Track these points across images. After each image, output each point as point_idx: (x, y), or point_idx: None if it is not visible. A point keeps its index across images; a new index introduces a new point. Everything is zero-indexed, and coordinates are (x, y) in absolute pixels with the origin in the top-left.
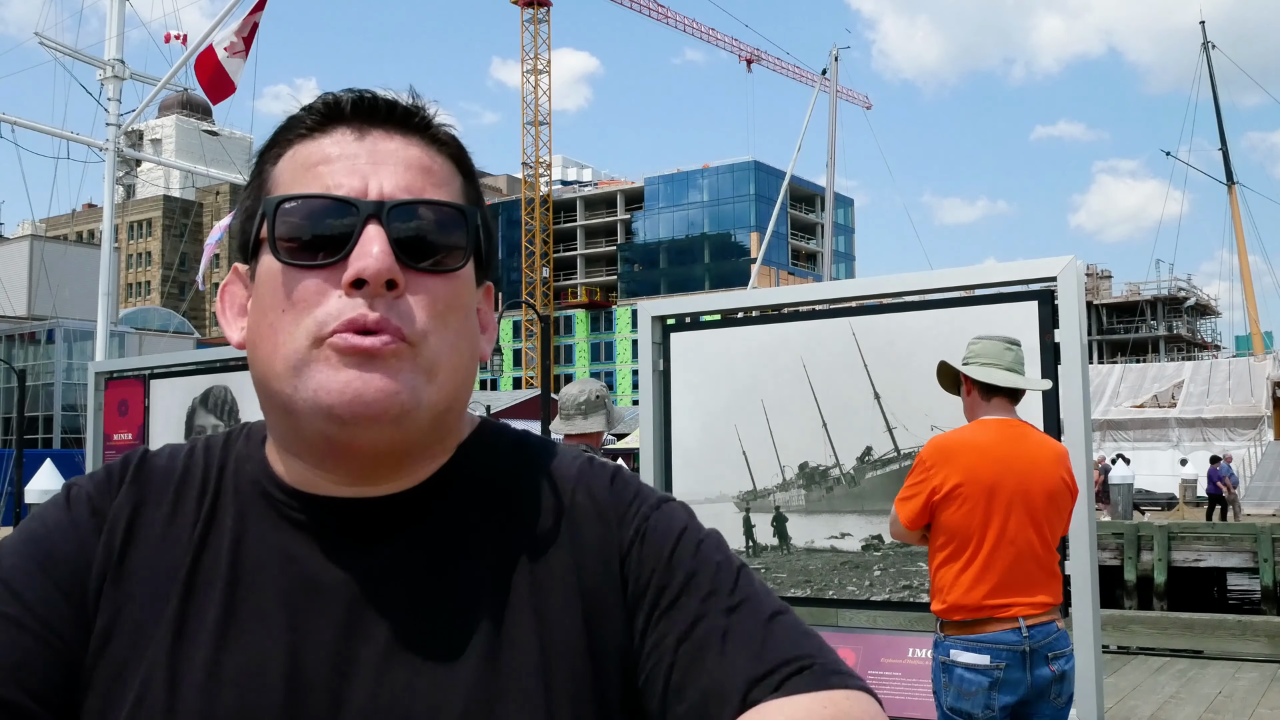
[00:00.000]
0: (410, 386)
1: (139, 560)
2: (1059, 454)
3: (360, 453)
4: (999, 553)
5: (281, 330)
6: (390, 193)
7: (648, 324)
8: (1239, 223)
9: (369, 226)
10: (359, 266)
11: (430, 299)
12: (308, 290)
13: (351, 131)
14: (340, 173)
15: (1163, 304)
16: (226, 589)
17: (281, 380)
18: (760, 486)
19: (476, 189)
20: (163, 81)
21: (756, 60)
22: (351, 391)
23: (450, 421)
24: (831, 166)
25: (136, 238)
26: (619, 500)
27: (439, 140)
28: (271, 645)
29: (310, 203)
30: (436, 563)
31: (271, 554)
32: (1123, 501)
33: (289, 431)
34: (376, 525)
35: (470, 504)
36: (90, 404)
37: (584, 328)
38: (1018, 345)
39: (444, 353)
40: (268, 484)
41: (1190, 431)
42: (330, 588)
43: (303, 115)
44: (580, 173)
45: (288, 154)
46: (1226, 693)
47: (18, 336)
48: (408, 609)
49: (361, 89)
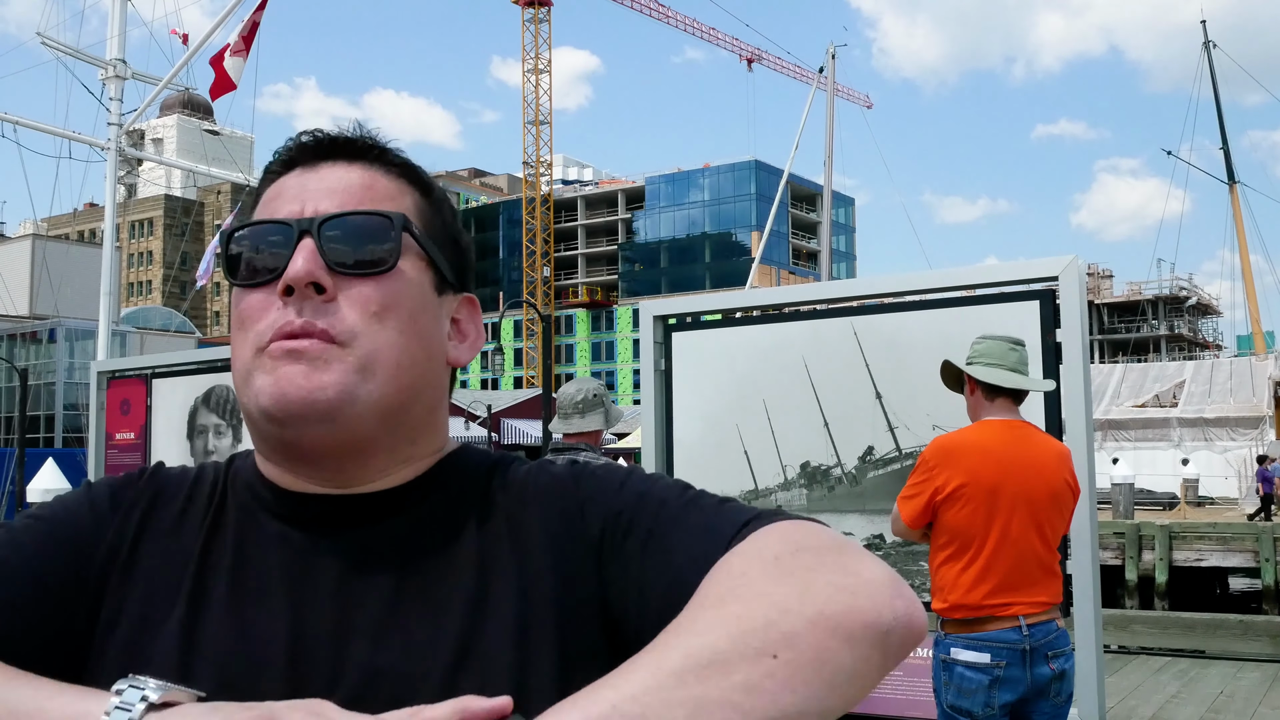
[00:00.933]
0: (338, 383)
1: (151, 549)
2: (1062, 455)
3: (308, 452)
4: (1001, 553)
5: (237, 345)
6: (324, 210)
7: (649, 323)
8: (1240, 222)
9: (302, 241)
10: (286, 275)
11: (361, 301)
12: (253, 307)
13: (306, 169)
14: (286, 201)
15: (1164, 303)
16: (232, 571)
17: (240, 392)
18: (762, 486)
19: (437, 205)
20: (164, 81)
21: (757, 60)
22: (278, 390)
23: (412, 421)
24: (829, 165)
25: (138, 237)
26: (576, 471)
27: (388, 163)
28: (272, 617)
29: (254, 228)
30: (419, 540)
31: (270, 541)
32: (1124, 501)
33: (257, 438)
34: (359, 514)
35: (449, 497)
36: (93, 403)
37: (585, 327)
38: (1022, 345)
39: (382, 350)
40: (260, 487)
41: (1192, 431)
42: (321, 565)
43: (272, 161)
44: (581, 172)
45: (261, 196)
46: (1228, 693)
47: (19, 335)
48: (394, 581)
49: (315, 130)
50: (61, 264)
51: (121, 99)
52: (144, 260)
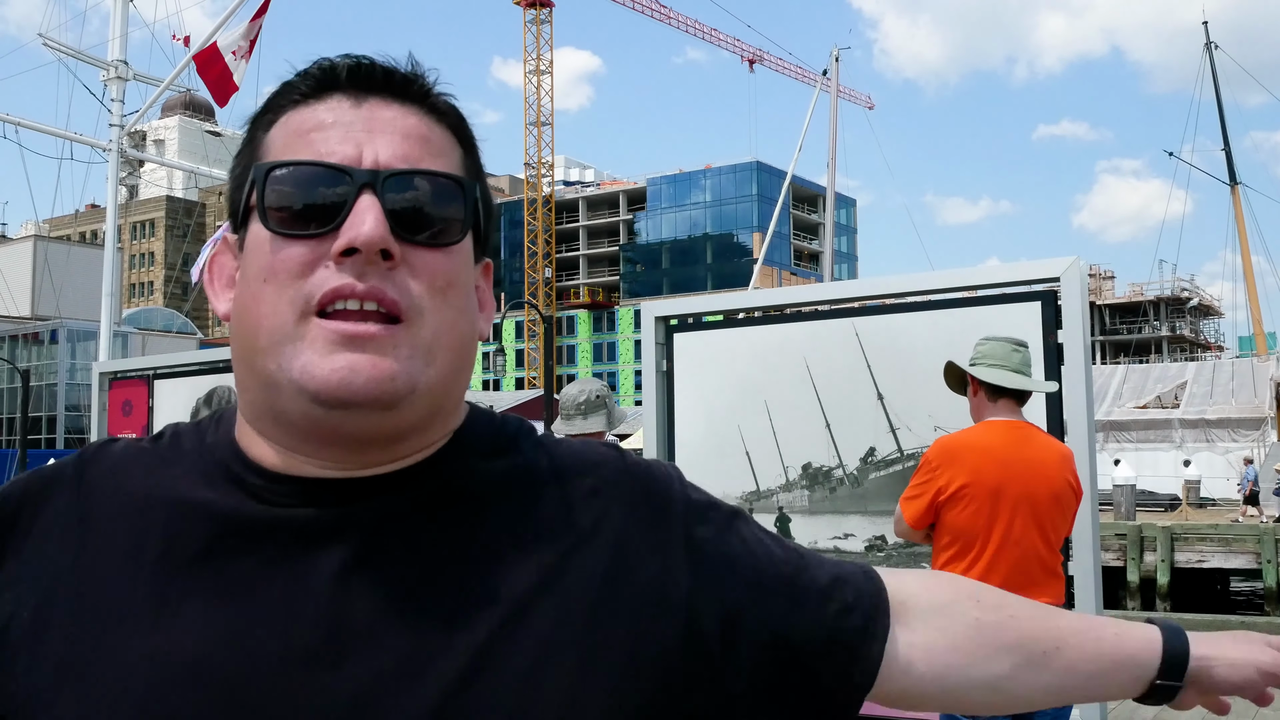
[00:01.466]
0: (407, 371)
1: (41, 550)
2: (1064, 456)
3: (347, 438)
4: (1003, 554)
5: (265, 301)
6: (386, 161)
7: (651, 324)
8: (1242, 223)
9: (363, 196)
10: (351, 235)
11: (428, 274)
12: (295, 260)
13: (347, 99)
14: (334, 140)
15: (1166, 304)
16: (200, 567)
17: (264, 355)
18: (763, 487)
19: (477, 161)
20: (166, 82)
21: (759, 61)
22: (338, 379)
23: (449, 405)
24: (832, 167)
25: (140, 238)
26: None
27: (438, 110)
28: (265, 617)
29: (302, 170)
30: (433, 528)
31: (256, 532)
32: (1125, 503)
33: (267, 411)
34: (362, 498)
35: (471, 478)
36: (94, 404)
37: (586, 328)
38: (1025, 346)
39: (443, 332)
40: (238, 467)
41: (1193, 432)
42: (320, 560)
43: (297, 81)
44: (583, 173)
45: (281, 120)
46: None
47: (21, 337)
48: (407, 576)
49: (359, 55)
50: (63, 265)
51: (123, 100)
52: (146, 261)
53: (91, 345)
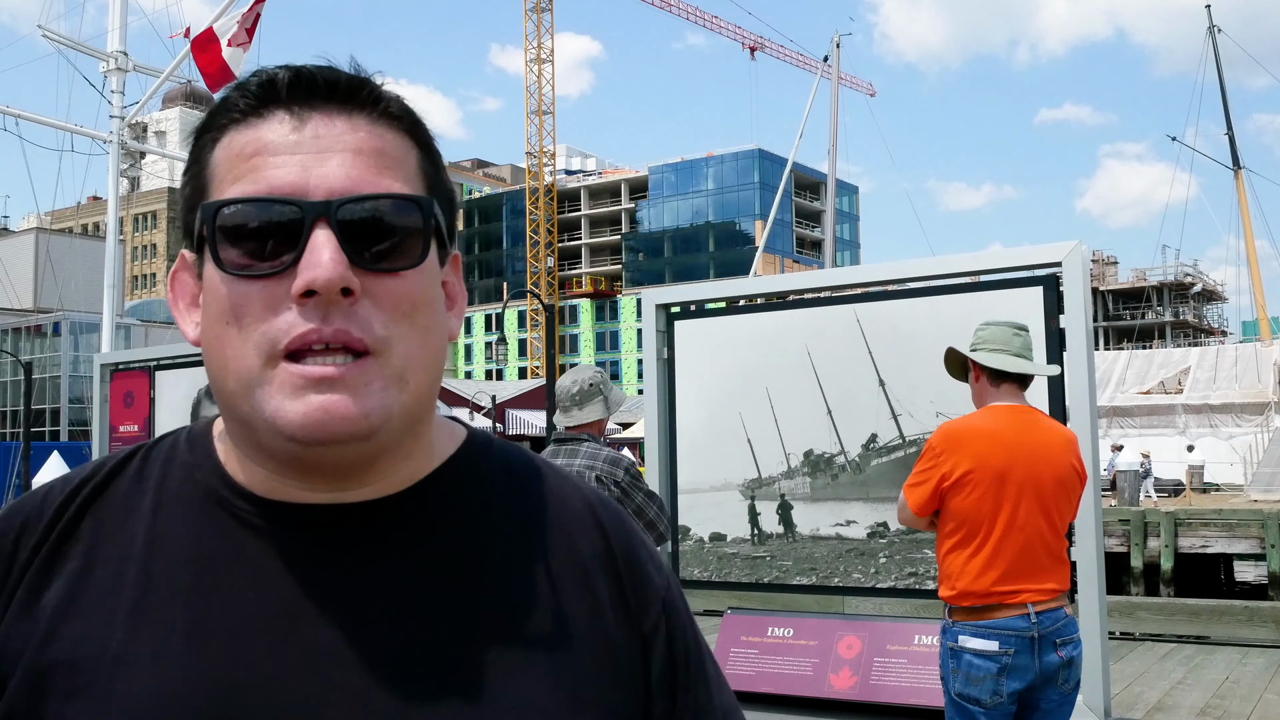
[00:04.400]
0: (381, 404)
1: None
2: (1068, 440)
3: (328, 468)
4: (1009, 539)
5: (230, 345)
6: (339, 188)
7: (652, 312)
8: (1245, 207)
9: (316, 230)
10: (308, 277)
11: (392, 301)
12: (255, 303)
13: (290, 116)
14: (280, 167)
15: (1169, 289)
16: (187, 609)
17: (236, 398)
18: (765, 474)
19: (435, 159)
20: (166, 73)
21: (760, 48)
22: (313, 422)
23: (424, 419)
24: (833, 154)
25: (141, 230)
26: (634, 560)
27: (389, 114)
28: (248, 671)
29: (249, 207)
30: (429, 579)
31: (244, 571)
32: (1129, 488)
33: (250, 441)
34: (353, 533)
35: (463, 519)
36: (96, 396)
37: (589, 317)
38: (1026, 330)
39: (413, 354)
40: (225, 492)
41: (1197, 418)
42: (313, 609)
43: (235, 98)
44: (584, 162)
45: (224, 140)
46: (1233, 678)
47: (24, 329)
48: (399, 631)
49: (299, 65)
50: (65, 257)
51: (123, 92)
52: (148, 253)
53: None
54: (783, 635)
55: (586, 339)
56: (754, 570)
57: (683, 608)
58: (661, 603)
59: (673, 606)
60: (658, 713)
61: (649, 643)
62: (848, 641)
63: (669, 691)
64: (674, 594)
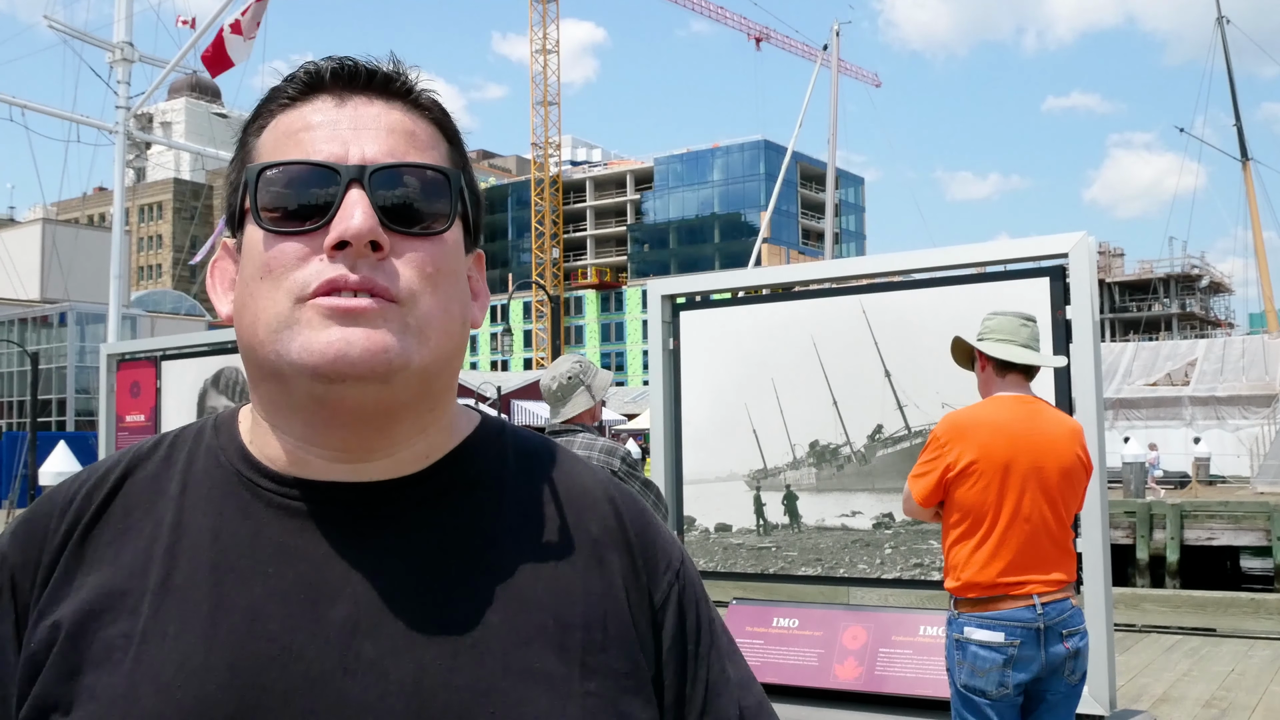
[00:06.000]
0: (400, 344)
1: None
2: (1074, 430)
3: (348, 412)
4: (1014, 530)
5: (262, 296)
6: (372, 157)
7: (657, 303)
8: (1253, 199)
9: (351, 191)
10: (341, 229)
11: (417, 261)
12: (289, 255)
13: (332, 99)
14: (321, 139)
15: (1176, 281)
16: (209, 587)
17: (265, 345)
18: (771, 465)
19: (462, 153)
20: (172, 64)
21: (765, 38)
22: (334, 351)
23: (439, 388)
24: (832, 143)
25: (147, 221)
26: (646, 535)
27: (421, 105)
28: (268, 644)
29: (291, 169)
30: (446, 554)
31: (265, 548)
32: (1135, 480)
33: (278, 398)
34: (375, 512)
35: (479, 498)
36: (103, 386)
37: (594, 308)
38: (1033, 321)
39: (435, 314)
40: (249, 471)
41: (1204, 410)
42: (332, 583)
43: (284, 86)
44: (590, 153)
45: (270, 125)
46: (1239, 670)
47: (30, 320)
48: (414, 604)
49: (342, 57)
50: (71, 248)
51: (129, 82)
52: (154, 244)
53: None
54: (788, 626)
55: (591, 330)
56: (759, 561)
57: (696, 582)
58: (674, 574)
59: (685, 580)
60: (669, 682)
61: (660, 614)
62: (853, 632)
63: (679, 662)
64: (687, 568)
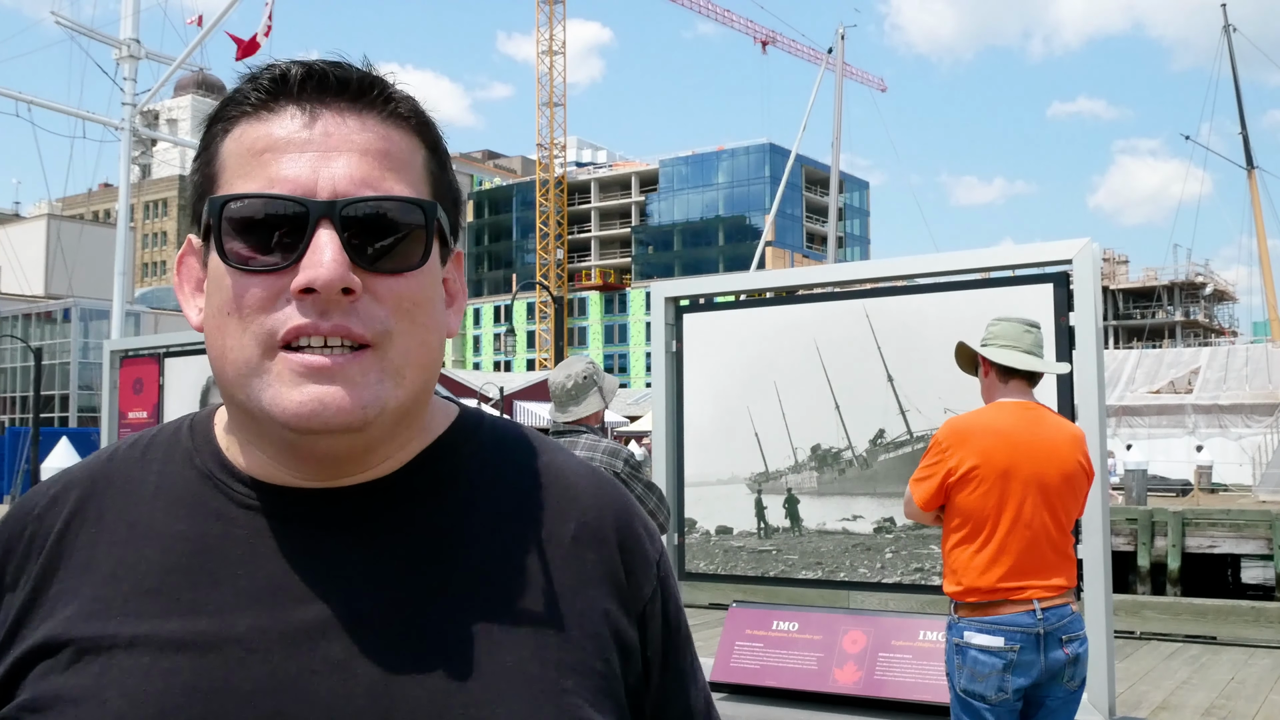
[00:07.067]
0: (375, 396)
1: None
2: (1075, 437)
3: (323, 455)
4: (1014, 535)
5: (230, 334)
6: (344, 190)
7: (661, 305)
8: (1259, 207)
9: (320, 229)
10: (309, 275)
11: (393, 299)
12: (256, 296)
13: (300, 113)
14: (288, 164)
15: (1180, 289)
16: (180, 589)
17: (234, 386)
18: (772, 468)
19: (443, 159)
20: (179, 60)
21: (771, 42)
22: (307, 411)
23: (417, 411)
24: (837, 147)
25: (152, 217)
26: (630, 531)
27: (398, 114)
28: (235, 645)
29: (256, 202)
30: (416, 555)
31: (235, 550)
32: (1136, 487)
33: (250, 425)
34: (345, 515)
35: (451, 496)
36: (105, 382)
37: (598, 310)
38: (1037, 328)
39: (412, 350)
40: (221, 475)
41: (1206, 418)
42: (301, 586)
43: (248, 90)
44: (595, 154)
45: (235, 131)
46: (1239, 679)
47: (34, 315)
48: (384, 605)
49: (311, 61)
50: (76, 244)
51: (135, 79)
52: (158, 241)
53: (104, 324)
54: (788, 629)
55: (595, 331)
56: (760, 564)
57: (671, 572)
58: (656, 566)
59: (665, 572)
60: (654, 675)
61: (646, 612)
62: (853, 636)
63: (662, 657)
64: (665, 561)
